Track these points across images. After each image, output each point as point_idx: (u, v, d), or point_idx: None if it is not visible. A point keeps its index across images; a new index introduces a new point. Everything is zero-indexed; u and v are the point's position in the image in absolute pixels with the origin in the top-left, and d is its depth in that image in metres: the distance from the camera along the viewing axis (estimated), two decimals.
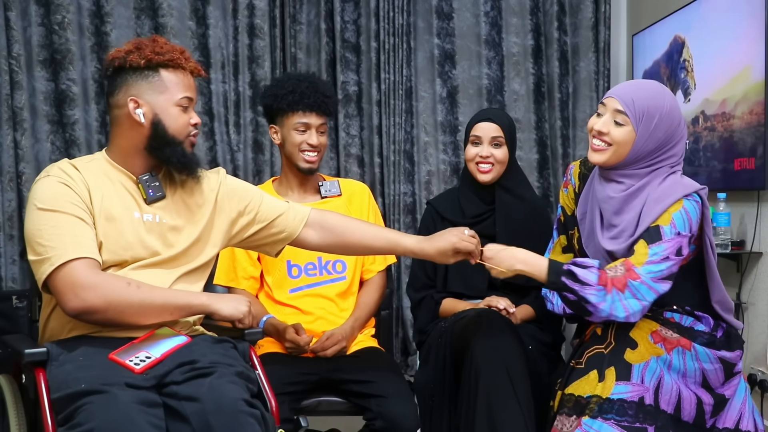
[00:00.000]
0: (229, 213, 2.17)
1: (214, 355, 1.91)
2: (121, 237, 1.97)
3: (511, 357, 2.30)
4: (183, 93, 2.02)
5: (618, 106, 2.19)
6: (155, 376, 1.82)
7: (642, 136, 2.17)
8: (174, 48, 2.04)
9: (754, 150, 3.11)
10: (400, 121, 4.17)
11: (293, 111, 2.57)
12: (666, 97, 2.22)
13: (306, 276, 2.60)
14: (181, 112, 2.03)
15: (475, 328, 2.36)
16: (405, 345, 4.21)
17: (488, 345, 2.30)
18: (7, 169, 3.83)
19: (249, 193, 2.23)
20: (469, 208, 2.65)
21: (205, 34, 4.06)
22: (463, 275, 2.63)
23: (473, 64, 4.27)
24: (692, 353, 2.16)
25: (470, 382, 2.30)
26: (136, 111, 1.99)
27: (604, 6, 4.28)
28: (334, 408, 2.45)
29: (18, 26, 3.82)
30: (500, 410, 2.23)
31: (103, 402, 1.68)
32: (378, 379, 2.37)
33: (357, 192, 2.74)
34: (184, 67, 2.02)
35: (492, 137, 2.59)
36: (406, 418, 2.30)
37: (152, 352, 1.87)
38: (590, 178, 2.38)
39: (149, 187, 2.03)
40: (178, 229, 2.06)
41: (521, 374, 2.29)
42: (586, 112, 4.30)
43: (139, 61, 1.98)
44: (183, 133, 2.04)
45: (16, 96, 3.83)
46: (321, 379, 2.41)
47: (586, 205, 2.35)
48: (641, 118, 2.16)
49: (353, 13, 4.19)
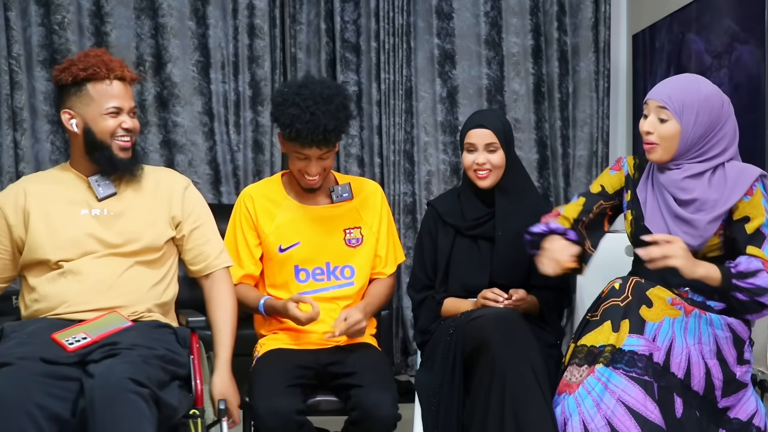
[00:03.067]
0: (174, 211, 2.34)
1: (140, 338, 2.06)
2: (62, 235, 2.20)
3: (534, 357, 2.30)
4: (108, 103, 2.22)
5: (657, 103, 2.31)
6: (80, 354, 1.99)
7: (687, 127, 2.28)
8: (101, 60, 2.23)
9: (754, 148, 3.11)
10: (400, 121, 4.17)
11: (291, 140, 2.47)
12: (700, 84, 2.33)
13: (314, 281, 2.58)
14: (110, 119, 2.23)
15: (492, 330, 2.34)
16: (405, 345, 4.21)
17: (510, 346, 2.29)
18: (7, 169, 3.84)
19: (195, 210, 2.39)
20: (470, 210, 2.64)
21: (205, 34, 4.07)
22: (464, 275, 2.62)
23: (473, 64, 4.28)
24: (707, 317, 2.23)
25: (491, 384, 2.29)
26: (71, 122, 2.24)
27: (604, 6, 4.28)
28: (334, 408, 2.44)
29: (18, 26, 3.83)
30: (530, 411, 2.23)
31: (6, 372, 1.89)
32: (359, 369, 2.35)
33: (370, 194, 2.66)
34: (107, 77, 2.23)
35: (485, 144, 2.57)
36: (380, 406, 2.23)
37: (90, 334, 2.05)
38: (648, 167, 2.45)
39: (99, 185, 2.26)
40: (128, 220, 2.26)
41: (544, 371, 2.30)
42: (586, 112, 4.31)
43: (67, 78, 2.22)
44: (109, 137, 2.24)
45: (16, 96, 3.83)
46: (318, 373, 2.40)
47: (646, 191, 2.42)
48: (682, 110, 2.28)
49: (353, 13, 4.19)
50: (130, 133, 2.27)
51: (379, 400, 2.25)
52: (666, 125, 2.29)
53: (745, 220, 2.27)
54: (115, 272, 2.21)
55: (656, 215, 2.38)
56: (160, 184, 2.34)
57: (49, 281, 2.18)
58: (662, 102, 2.29)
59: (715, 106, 2.29)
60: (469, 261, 2.61)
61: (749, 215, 2.26)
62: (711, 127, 2.30)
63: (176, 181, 2.39)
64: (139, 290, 2.22)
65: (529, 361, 2.28)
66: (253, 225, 2.54)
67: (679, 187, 2.33)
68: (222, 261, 2.38)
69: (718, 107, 2.30)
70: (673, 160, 2.34)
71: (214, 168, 4.11)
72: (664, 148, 2.31)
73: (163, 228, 2.30)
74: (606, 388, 2.12)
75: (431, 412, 2.47)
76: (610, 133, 4.35)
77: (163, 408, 1.95)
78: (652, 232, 2.35)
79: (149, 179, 2.33)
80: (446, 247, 2.64)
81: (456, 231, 2.64)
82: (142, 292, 2.23)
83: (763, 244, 2.23)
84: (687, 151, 2.31)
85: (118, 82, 2.25)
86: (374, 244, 2.61)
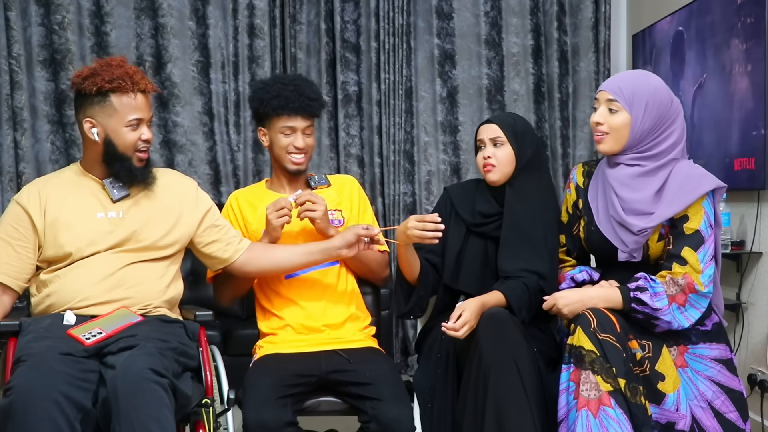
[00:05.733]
0: (194, 217, 2.45)
1: (154, 332, 2.16)
2: (81, 237, 2.28)
3: (520, 355, 2.30)
4: (131, 115, 2.30)
5: (608, 96, 2.38)
6: (97, 347, 2.10)
7: (637, 117, 2.34)
8: (125, 72, 2.30)
9: (755, 150, 3.11)
10: (400, 121, 4.17)
11: (278, 115, 2.61)
12: (650, 79, 2.40)
13: None
14: (131, 131, 2.31)
15: (483, 327, 2.35)
16: (405, 345, 4.21)
17: (498, 343, 2.30)
18: (7, 169, 3.83)
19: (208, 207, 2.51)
20: (483, 206, 2.65)
21: (205, 34, 4.06)
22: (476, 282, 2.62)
23: (473, 64, 4.28)
24: None
25: (477, 380, 2.30)
26: (92, 130, 2.30)
27: (604, 6, 4.28)
28: (333, 408, 2.44)
29: (18, 26, 3.83)
30: (510, 408, 2.23)
31: (31, 364, 1.99)
32: (374, 381, 2.36)
33: (346, 183, 2.79)
34: (132, 90, 2.29)
35: (491, 138, 2.59)
36: (400, 422, 2.27)
37: (105, 329, 2.14)
38: (597, 170, 2.51)
39: (114, 187, 2.34)
40: (141, 220, 2.34)
41: (530, 373, 2.29)
42: (586, 112, 4.30)
43: (91, 88, 2.27)
44: (131, 149, 2.32)
45: (16, 96, 3.83)
46: (320, 380, 2.41)
47: (596, 191, 2.47)
48: (631, 101, 2.35)
49: (353, 13, 4.19)
50: (148, 143, 2.36)
51: (399, 415, 2.28)
52: (616, 116, 2.36)
53: (684, 219, 2.32)
54: (125, 268, 2.30)
55: (605, 215, 2.43)
56: (170, 186, 2.44)
57: (61, 277, 2.27)
58: (612, 93, 2.37)
59: (665, 101, 2.35)
60: (483, 265, 2.62)
61: (688, 214, 2.31)
62: (660, 122, 2.35)
63: (186, 182, 2.51)
64: (148, 286, 2.31)
65: (514, 360, 2.28)
66: (237, 220, 2.67)
67: (626, 184, 2.37)
68: (245, 240, 2.52)
69: (667, 102, 2.36)
70: (622, 153, 2.39)
71: (214, 168, 4.11)
72: (615, 139, 2.37)
73: (175, 227, 2.39)
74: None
75: (428, 410, 2.47)
76: None
77: (179, 397, 2.06)
78: (602, 233, 2.43)
79: (159, 181, 2.41)
80: (457, 239, 2.64)
81: (467, 226, 2.64)
82: (151, 287, 2.32)
83: (700, 248, 2.28)
84: (636, 144, 2.36)
85: (141, 94, 2.32)
86: None
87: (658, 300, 2.26)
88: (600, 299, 2.29)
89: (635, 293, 2.28)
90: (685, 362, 2.30)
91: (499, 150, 2.58)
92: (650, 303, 2.26)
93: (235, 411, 2.28)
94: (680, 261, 2.29)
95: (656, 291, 2.27)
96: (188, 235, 2.43)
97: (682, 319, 2.27)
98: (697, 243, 2.28)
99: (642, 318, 2.29)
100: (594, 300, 2.29)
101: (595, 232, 2.45)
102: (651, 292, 2.27)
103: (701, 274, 2.27)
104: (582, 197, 2.53)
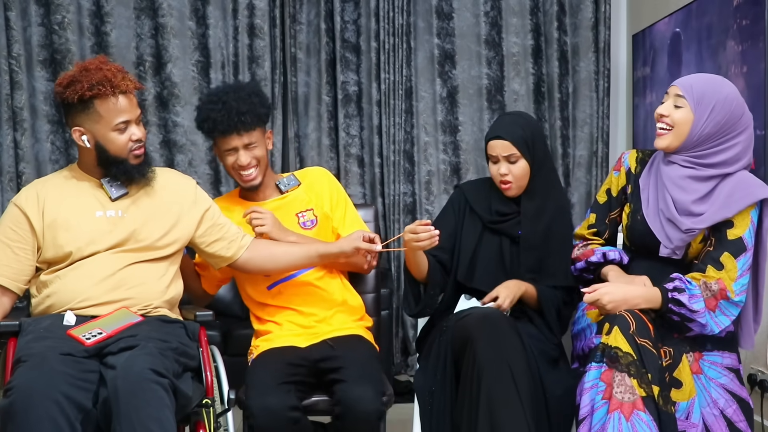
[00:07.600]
0: (193, 216, 2.44)
1: (154, 332, 2.16)
2: (80, 236, 2.28)
3: (514, 357, 2.29)
4: (117, 119, 2.28)
5: (678, 91, 2.34)
6: (98, 347, 2.10)
7: (700, 118, 2.30)
8: (104, 76, 2.25)
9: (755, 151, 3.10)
10: (400, 121, 4.17)
11: (213, 138, 2.56)
12: (725, 85, 2.35)
13: None
14: (120, 134, 2.29)
15: (477, 328, 2.35)
16: (405, 345, 4.21)
17: (491, 344, 2.30)
18: (7, 169, 3.84)
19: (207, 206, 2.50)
20: (499, 204, 2.64)
21: (205, 34, 4.07)
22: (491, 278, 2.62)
23: (473, 64, 4.28)
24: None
25: (472, 381, 2.30)
26: (82, 138, 2.30)
27: (604, 6, 4.28)
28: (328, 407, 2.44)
29: (18, 26, 3.83)
30: (502, 410, 2.23)
31: (32, 364, 2.00)
32: (345, 364, 2.34)
33: (315, 178, 2.71)
34: (113, 94, 2.26)
35: (505, 156, 2.57)
36: (361, 401, 2.21)
37: (105, 329, 2.15)
38: (652, 161, 2.48)
39: (112, 186, 2.34)
40: (140, 220, 2.34)
41: (524, 374, 2.29)
42: (586, 112, 4.31)
43: (73, 96, 2.25)
44: (124, 151, 2.31)
45: (16, 96, 3.84)
46: (309, 370, 2.39)
47: (648, 182, 2.45)
48: (699, 101, 2.31)
49: (353, 13, 4.19)
50: (140, 141, 2.34)
51: (361, 394, 2.23)
52: (680, 111, 2.32)
53: (729, 224, 2.29)
54: (125, 269, 2.30)
55: (654, 209, 2.40)
56: (169, 185, 2.43)
57: (61, 278, 2.27)
58: (682, 89, 2.33)
59: (735, 111, 2.31)
60: (499, 262, 2.62)
61: (734, 220, 2.29)
62: (724, 130, 2.30)
63: (185, 181, 2.50)
64: (149, 287, 2.32)
65: (508, 361, 2.27)
66: None
67: (678, 184, 2.34)
68: (247, 237, 2.51)
69: (737, 113, 2.31)
70: (679, 152, 2.35)
71: (214, 168, 4.12)
72: (675, 134, 2.33)
73: (174, 226, 2.39)
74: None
75: (427, 411, 2.48)
76: (610, 133, 4.35)
77: (179, 397, 2.06)
78: (648, 225, 2.39)
79: (158, 180, 2.41)
80: (472, 237, 2.64)
81: (482, 224, 2.64)
82: (151, 288, 2.32)
83: (740, 255, 2.26)
84: (693, 146, 2.32)
85: (122, 96, 2.29)
86: (329, 222, 2.64)
87: (696, 302, 2.23)
88: (642, 299, 2.26)
89: (673, 294, 2.25)
90: (700, 369, 2.29)
91: (515, 166, 2.57)
92: (688, 304, 2.23)
93: (235, 411, 2.28)
94: (717, 265, 2.26)
95: (693, 293, 2.25)
96: (188, 235, 2.42)
97: (713, 325, 2.25)
98: (739, 250, 2.26)
99: (677, 320, 2.26)
100: (636, 300, 2.26)
101: (640, 222, 2.41)
102: (688, 294, 2.24)
103: (735, 282, 2.25)
104: (632, 183, 2.50)
